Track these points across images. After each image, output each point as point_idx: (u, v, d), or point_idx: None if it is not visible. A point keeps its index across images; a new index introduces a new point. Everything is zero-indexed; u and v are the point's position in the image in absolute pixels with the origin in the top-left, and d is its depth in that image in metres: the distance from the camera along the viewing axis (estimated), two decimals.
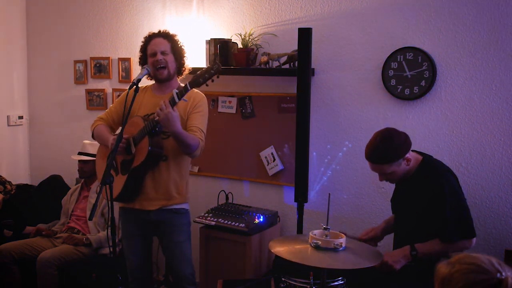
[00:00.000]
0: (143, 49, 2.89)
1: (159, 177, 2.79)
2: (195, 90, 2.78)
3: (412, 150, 2.58)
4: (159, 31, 2.90)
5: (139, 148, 2.70)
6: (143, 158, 2.66)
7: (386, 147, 2.44)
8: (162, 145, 2.74)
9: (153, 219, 2.84)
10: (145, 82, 3.00)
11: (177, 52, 2.86)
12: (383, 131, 2.52)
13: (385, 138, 2.46)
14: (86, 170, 3.81)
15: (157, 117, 2.57)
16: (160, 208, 2.82)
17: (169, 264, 2.98)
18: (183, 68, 2.92)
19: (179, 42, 2.90)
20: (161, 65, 2.79)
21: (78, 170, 3.84)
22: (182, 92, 2.57)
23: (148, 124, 2.66)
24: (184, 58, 2.91)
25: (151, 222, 2.85)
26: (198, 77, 2.55)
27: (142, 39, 2.93)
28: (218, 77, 2.57)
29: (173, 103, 2.57)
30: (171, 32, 2.91)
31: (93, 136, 3.01)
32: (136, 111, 2.83)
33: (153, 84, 2.95)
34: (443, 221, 2.41)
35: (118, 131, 2.97)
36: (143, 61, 2.90)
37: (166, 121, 2.55)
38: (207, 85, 2.59)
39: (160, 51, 2.79)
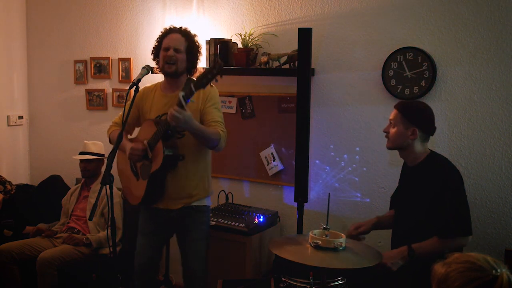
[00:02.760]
0: (160, 40, 2.84)
1: (180, 177, 2.78)
2: None
3: None
4: (180, 27, 2.85)
5: (155, 153, 2.69)
6: (160, 163, 2.66)
7: (415, 105, 2.60)
8: (177, 146, 2.72)
9: (175, 216, 2.84)
10: (153, 79, 2.98)
11: (192, 53, 2.82)
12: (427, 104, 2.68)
13: (424, 104, 2.62)
14: (90, 169, 3.81)
15: (172, 122, 2.52)
16: (183, 206, 2.83)
17: (183, 259, 2.98)
18: (195, 70, 2.87)
19: (196, 43, 2.86)
20: (171, 61, 2.77)
21: (81, 170, 3.84)
22: (188, 95, 2.53)
23: (160, 128, 2.65)
24: (198, 60, 2.86)
25: (173, 219, 2.85)
26: (201, 79, 2.50)
27: (162, 30, 2.88)
28: (221, 76, 2.50)
29: (181, 107, 2.53)
30: (191, 32, 2.86)
31: (110, 142, 3.00)
32: (147, 113, 2.84)
33: (162, 82, 2.92)
34: (442, 215, 2.41)
35: (134, 135, 2.98)
36: (156, 51, 2.86)
37: (183, 124, 2.52)
38: (211, 85, 2.55)
39: (174, 47, 2.76)
